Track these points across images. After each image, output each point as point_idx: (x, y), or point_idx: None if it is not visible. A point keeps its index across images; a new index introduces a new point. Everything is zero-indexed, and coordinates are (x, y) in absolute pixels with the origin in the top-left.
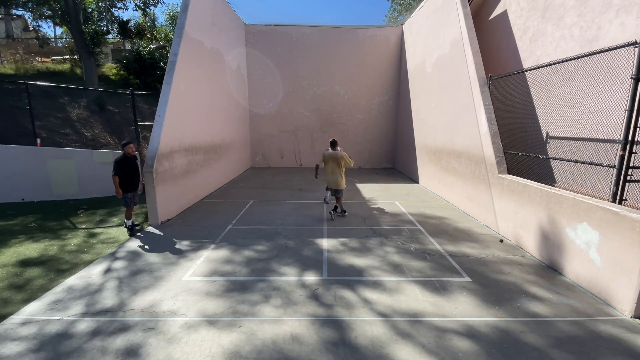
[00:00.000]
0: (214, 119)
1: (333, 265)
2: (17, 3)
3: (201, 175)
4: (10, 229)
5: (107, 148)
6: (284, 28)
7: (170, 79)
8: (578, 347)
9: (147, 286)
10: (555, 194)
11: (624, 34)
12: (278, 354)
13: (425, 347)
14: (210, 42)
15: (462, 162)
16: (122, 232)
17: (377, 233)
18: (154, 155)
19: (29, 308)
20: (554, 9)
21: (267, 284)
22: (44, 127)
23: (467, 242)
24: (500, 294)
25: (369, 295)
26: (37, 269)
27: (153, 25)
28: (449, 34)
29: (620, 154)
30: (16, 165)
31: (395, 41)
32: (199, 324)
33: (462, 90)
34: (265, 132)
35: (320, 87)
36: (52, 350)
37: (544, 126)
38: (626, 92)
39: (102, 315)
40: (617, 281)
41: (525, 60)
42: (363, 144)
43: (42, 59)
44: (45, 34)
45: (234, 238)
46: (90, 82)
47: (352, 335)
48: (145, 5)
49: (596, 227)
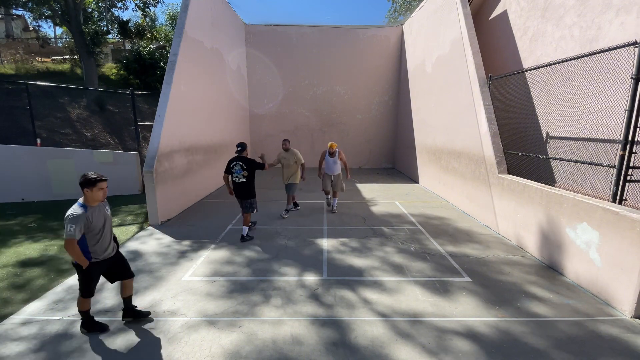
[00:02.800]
0: (214, 119)
1: (333, 265)
2: (17, 3)
3: (201, 175)
4: (10, 229)
5: (107, 148)
6: (284, 28)
7: (170, 79)
8: (578, 347)
9: (147, 286)
10: (556, 194)
11: (624, 34)
12: (278, 354)
13: (426, 347)
14: (210, 42)
15: (462, 162)
16: (122, 232)
17: (377, 233)
18: (154, 155)
19: (29, 308)
20: (554, 9)
21: (267, 284)
22: (44, 127)
23: (467, 242)
24: (500, 294)
25: (369, 295)
26: (37, 269)
27: (153, 25)
28: (449, 33)
29: (620, 154)
30: (16, 165)
31: (395, 41)
32: (199, 324)
33: (462, 90)
34: (265, 132)
35: (320, 87)
36: (52, 350)
37: (544, 126)
38: (626, 92)
39: (103, 315)
40: (617, 281)
41: (525, 60)
42: (363, 144)
43: (42, 59)
44: (45, 34)
45: (234, 238)
46: (90, 82)
47: (352, 336)
48: (145, 5)
49: (596, 227)
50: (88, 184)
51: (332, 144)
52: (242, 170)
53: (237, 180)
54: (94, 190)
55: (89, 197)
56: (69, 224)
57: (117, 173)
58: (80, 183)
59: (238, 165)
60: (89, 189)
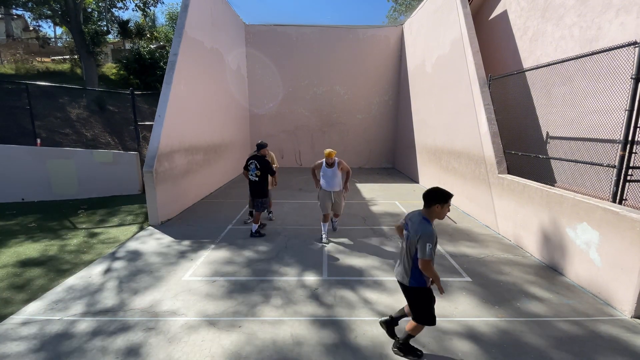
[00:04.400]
0: (214, 119)
1: (333, 265)
2: (17, 3)
3: (201, 175)
4: (10, 229)
5: (107, 148)
6: (284, 28)
7: (170, 79)
8: (578, 347)
9: (147, 286)
10: (556, 194)
11: (624, 34)
12: (278, 355)
13: (426, 347)
14: (210, 42)
15: (462, 162)
16: (122, 232)
17: (377, 233)
18: (154, 155)
19: (29, 308)
20: (554, 9)
21: (267, 284)
22: (44, 127)
23: (467, 242)
24: (500, 294)
25: (369, 295)
26: (37, 269)
27: (153, 25)
28: (449, 33)
29: (620, 154)
30: (16, 165)
31: (395, 41)
32: (199, 324)
33: (462, 90)
34: (265, 132)
35: (320, 87)
36: (52, 350)
37: (544, 126)
38: (626, 92)
39: (103, 315)
40: (617, 281)
41: (525, 60)
42: (363, 144)
43: (42, 59)
44: (45, 34)
45: (234, 238)
46: (90, 82)
47: (352, 336)
48: (145, 5)
49: (596, 227)
50: (442, 199)
51: (330, 151)
52: (255, 170)
53: (252, 178)
54: (445, 207)
55: (436, 213)
56: (428, 243)
57: (117, 173)
58: (431, 197)
59: (253, 164)
60: (441, 204)
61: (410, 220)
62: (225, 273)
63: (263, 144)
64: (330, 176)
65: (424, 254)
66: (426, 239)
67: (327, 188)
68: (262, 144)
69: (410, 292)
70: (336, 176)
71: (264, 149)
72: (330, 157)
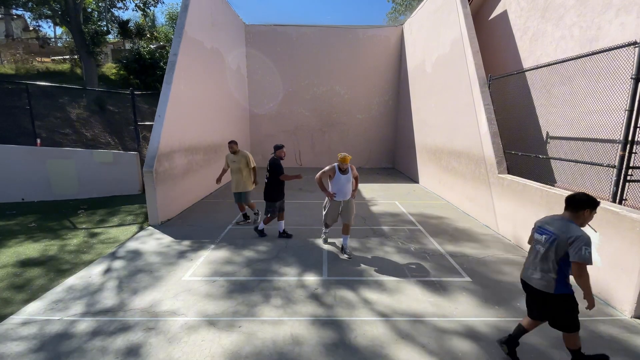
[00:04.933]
0: (214, 119)
1: (333, 265)
2: (17, 3)
3: (201, 175)
4: (10, 229)
5: (107, 148)
6: (284, 28)
7: (170, 79)
8: None
9: (147, 286)
10: (555, 194)
11: (624, 34)
12: (278, 355)
13: (426, 347)
14: (210, 42)
15: (462, 162)
16: (122, 232)
17: (377, 233)
18: (154, 155)
19: (29, 308)
20: (554, 9)
21: (267, 284)
22: (44, 127)
23: (467, 242)
24: (500, 294)
25: (369, 295)
26: (37, 269)
27: (153, 25)
28: (449, 34)
29: (620, 154)
30: (16, 165)
31: (395, 41)
32: (199, 324)
33: (462, 90)
34: (265, 132)
35: (320, 87)
36: (52, 350)
37: (544, 126)
38: (626, 92)
39: (103, 315)
40: (617, 281)
41: (525, 60)
42: (363, 144)
43: (42, 59)
44: (45, 34)
45: (234, 238)
46: (90, 82)
47: (352, 336)
48: (145, 5)
49: (596, 227)
50: (593, 205)
51: (345, 155)
52: (266, 172)
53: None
54: (592, 213)
55: (584, 218)
56: (585, 246)
57: (117, 173)
58: (582, 201)
59: (267, 166)
60: (590, 209)
61: (549, 224)
62: (225, 273)
63: (278, 145)
64: (344, 183)
65: (582, 257)
66: (582, 242)
67: (339, 196)
68: (277, 145)
69: (557, 300)
70: (349, 182)
71: (279, 150)
72: (345, 162)
